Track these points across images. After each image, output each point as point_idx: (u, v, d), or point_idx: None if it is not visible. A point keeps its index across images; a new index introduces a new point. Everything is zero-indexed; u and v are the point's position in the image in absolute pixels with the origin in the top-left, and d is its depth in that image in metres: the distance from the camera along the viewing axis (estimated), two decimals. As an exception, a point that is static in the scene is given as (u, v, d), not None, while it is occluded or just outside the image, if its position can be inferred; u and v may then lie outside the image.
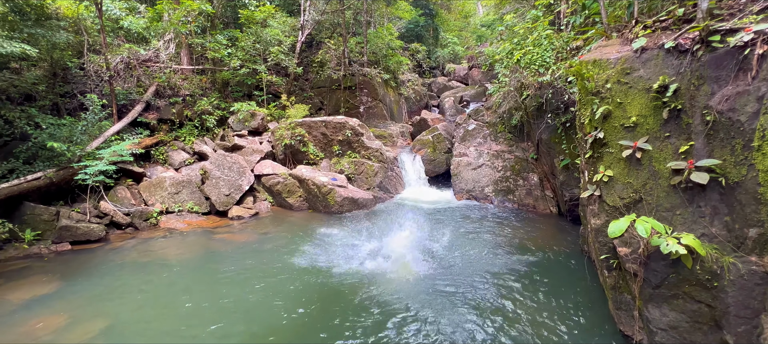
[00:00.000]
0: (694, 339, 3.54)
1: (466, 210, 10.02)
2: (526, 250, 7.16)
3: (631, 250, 3.89)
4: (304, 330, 4.80)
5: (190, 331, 4.86)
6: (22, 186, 7.86)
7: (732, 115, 3.32)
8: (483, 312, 5.10)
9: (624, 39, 4.56)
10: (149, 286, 6.17)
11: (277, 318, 5.09)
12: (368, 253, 7.17)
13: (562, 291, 5.62)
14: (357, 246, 7.61)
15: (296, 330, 4.81)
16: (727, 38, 3.44)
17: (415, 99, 19.80)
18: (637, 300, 3.92)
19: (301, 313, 5.20)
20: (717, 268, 3.34)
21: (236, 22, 15.28)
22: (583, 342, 4.45)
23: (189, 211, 9.75)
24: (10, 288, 6.15)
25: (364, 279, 6.11)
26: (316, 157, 12.07)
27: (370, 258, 6.92)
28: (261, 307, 5.40)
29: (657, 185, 3.81)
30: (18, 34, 8.48)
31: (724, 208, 3.40)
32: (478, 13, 30.40)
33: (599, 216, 4.30)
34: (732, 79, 3.37)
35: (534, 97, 9.06)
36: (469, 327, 4.74)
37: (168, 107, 11.99)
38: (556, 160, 8.92)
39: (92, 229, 8.11)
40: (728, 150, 3.35)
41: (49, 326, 5.05)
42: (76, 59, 10.94)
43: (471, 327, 4.72)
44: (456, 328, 4.72)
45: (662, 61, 3.83)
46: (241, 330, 4.86)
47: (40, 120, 8.86)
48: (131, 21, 12.50)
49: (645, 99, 3.91)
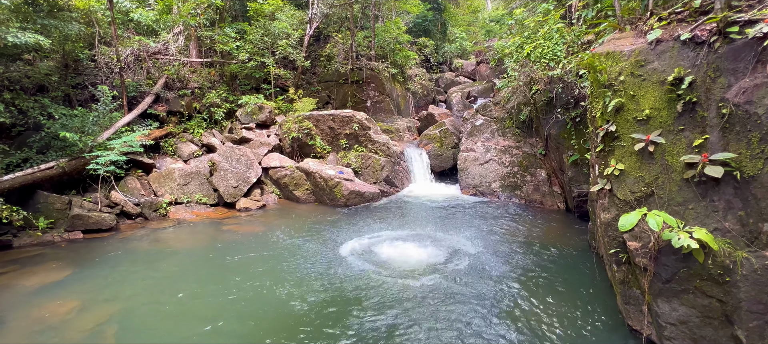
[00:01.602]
0: (704, 334, 3.51)
1: (473, 205, 9.99)
2: (532, 245, 7.12)
3: (642, 244, 3.85)
4: (308, 318, 4.84)
5: (198, 317, 4.94)
6: (36, 175, 8.01)
7: (749, 107, 3.26)
8: (489, 305, 5.10)
9: (638, 31, 4.49)
10: (158, 274, 6.26)
11: (283, 306, 5.13)
12: (374, 246, 7.19)
13: (569, 286, 5.59)
14: (363, 238, 7.63)
15: (300, 318, 4.85)
16: (745, 29, 3.37)
17: (422, 94, 19.72)
18: (647, 294, 3.89)
19: (304, 301, 5.24)
20: (729, 263, 3.30)
21: (245, 15, 15.32)
22: (591, 337, 4.43)
23: (197, 202, 9.86)
24: (25, 274, 6.29)
25: (369, 271, 6.14)
26: (323, 151, 12.10)
27: (377, 251, 6.94)
28: (267, 296, 5.46)
29: (669, 179, 3.76)
30: (31, 25, 8.60)
31: (738, 203, 3.34)
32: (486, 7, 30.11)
33: (609, 210, 4.26)
34: (750, 71, 3.31)
35: (543, 91, 8.97)
36: (474, 320, 4.74)
37: (177, 99, 12.09)
38: (564, 155, 8.84)
39: (103, 218, 8.24)
40: (744, 143, 3.29)
41: (61, 310, 5.16)
42: (87, 51, 11.06)
43: (476, 321, 4.72)
44: (462, 322, 4.72)
45: (677, 53, 3.76)
46: (247, 316, 4.92)
47: (52, 110, 9.00)
48: (141, 13, 12.59)
49: (659, 91, 3.85)
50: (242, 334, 4.59)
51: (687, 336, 3.61)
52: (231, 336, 4.56)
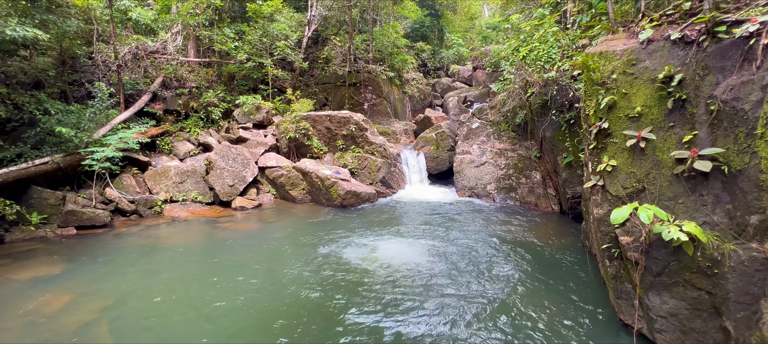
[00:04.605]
0: (693, 326, 3.57)
1: (468, 207, 10.05)
2: (527, 245, 7.18)
3: (633, 239, 3.92)
4: (300, 314, 4.85)
5: (190, 311, 4.92)
6: (30, 170, 7.96)
7: (736, 104, 3.36)
8: (483, 305, 5.13)
9: (630, 33, 4.60)
10: (151, 269, 6.23)
11: (276, 303, 5.13)
12: (369, 245, 7.21)
13: (562, 284, 5.64)
14: (358, 238, 7.65)
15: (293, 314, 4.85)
16: (732, 29, 3.48)
17: (419, 98, 19.85)
18: (638, 288, 3.95)
19: (298, 298, 5.24)
20: (718, 255, 3.37)
21: (243, 16, 15.40)
22: (584, 332, 4.47)
23: (193, 201, 9.83)
24: (17, 268, 6.24)
25: (362, 271, 6.15)
26: (319, 151, 12.14)
27: (371, 250, 6.96)
28: (261, 292, 5.45)
29: (660, 174, 3.84)
30: (30, 20, 8.60)
31: (726, 196, 3.43)
32: (483, 15, 30.47)
33: (602, 206, 4.33)
34: (737, 69, 3.41)
35: (539, 94, 9.09)
36: (468, 319, 4.76)
37: (174, 98, 12.10)
38: (559, 157, 8.94)
39: (97, 215, 8.20)
40: (732, 138, 3.38)
41: (53, 304, 5.12)
42: (85, 48, 11.06)
43: (471, 320, 4.74)
44: (456, 321, 4.74)
45: (668, 52, 3.87)
46: (239, 311, 4.91)
47: (48, 105, 8.97)
48: (140, 12, 12.63)
49: (650, 89, 3.95)
50: (234, 328, 4.58)
51: (677, 328, 3.67)
52: (223, 331, 4.55)
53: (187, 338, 4.38)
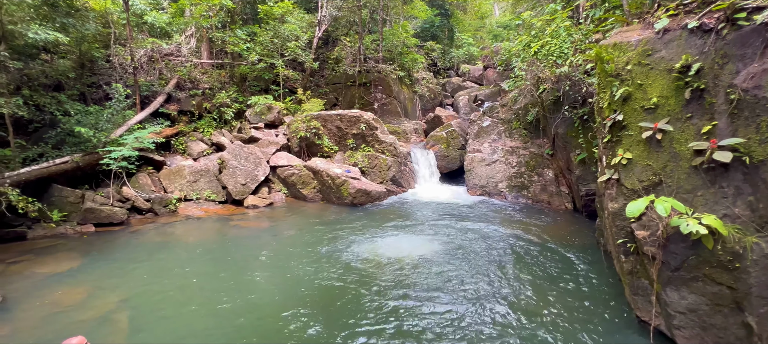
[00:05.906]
0: (714, 322, 3.46)
1: (480, 205, 9.97)
2: (539, 243, 7.08)
3: (650, 233, 3.83)
4: (312, 306, 4.87)
5: (204, 304, 5.00)
6: (51, 169, 8.21)
7: (757, 92, 3.25)
8: (498, 303, 5.07)
9: (645, 23, 4.50)
10: (166, 265, 6.35)
11: (286, 298, 5.17)
12: (380, 243, 7.21)
13: (577, 281, 5.54)
14: (369, 236, 7.66)
15: (305, 305, 4.88)
16: (753, 15, 3.37)
17: (429, 97, 19.79)
18: (655, 284, 3.85)
19: (311, 290, 5.28)
20: (739, 249, 3.27)
21: (255, 18, 15.61)
22: (600, 329, 4.38)
23: (206, 199, 9.99)
24: (38, 263, 6.44)
25: (374, 269, 6.15)
26: (330, 150, 12.20)
27: (382, 248, 6.96)
28: (272, 287, 5.51)
29: (678, 167, 3.74)
30: (50, 23, 8.88)
31: (747, 188, 3.32)
32: (494, 13, 30.21)
33: (617, 200, 4.24)
34: (758, 57, 3.30)
35: (551, 90, 8.97)
36: (484, 317, 4.71)
37: (188, 99, 12.33)
38: (572, 154, 8.80)
39: (115, 212, 8.40)
40: (753, 128, 3.28)
41: (73, 296, 5.27)
42: (102, 51, 11.36)
43: (486, 318, 4.69)
44: (471, 319, 4.70)
45: (685, 42, 3.77)
46: (252, 304, 4.96)
47: (68, 107, 9.24)
48: (155, 16, 12.92)
49: (666, 80, 3.86)
50: (247, 321, 4.64)
51: (696, 324, 3.56)
52: (236, 323, 4.60)
53: (201, 329, 4.46)
